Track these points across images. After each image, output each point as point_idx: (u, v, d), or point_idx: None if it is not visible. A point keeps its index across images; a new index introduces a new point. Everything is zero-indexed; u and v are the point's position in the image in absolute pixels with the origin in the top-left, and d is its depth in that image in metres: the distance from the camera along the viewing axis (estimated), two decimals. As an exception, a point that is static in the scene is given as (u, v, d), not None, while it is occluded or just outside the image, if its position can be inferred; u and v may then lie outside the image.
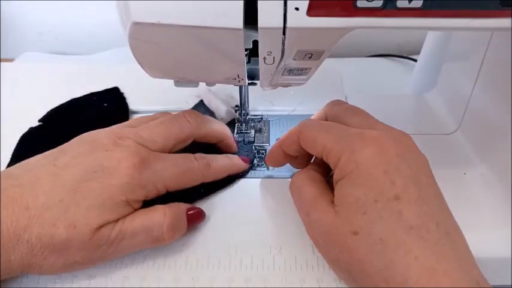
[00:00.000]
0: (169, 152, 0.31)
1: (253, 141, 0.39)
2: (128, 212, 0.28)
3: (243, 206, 0.33)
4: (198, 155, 0.32)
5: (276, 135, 0.40)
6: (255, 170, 0.36)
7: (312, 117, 0.33)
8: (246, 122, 0.40)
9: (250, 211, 0.32)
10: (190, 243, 0.30)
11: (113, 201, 0.27)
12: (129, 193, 0.27)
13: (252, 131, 0.40)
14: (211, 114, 0.41)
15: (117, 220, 0.27)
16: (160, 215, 0.28)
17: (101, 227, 0.26)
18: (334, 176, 0.26)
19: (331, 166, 0.27)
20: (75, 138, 0.30)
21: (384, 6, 0.23)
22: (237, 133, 0.40)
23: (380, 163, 0.24)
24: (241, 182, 0.35)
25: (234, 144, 0.36)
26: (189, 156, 0.32)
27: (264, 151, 0.38)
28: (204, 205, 0.33)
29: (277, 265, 0.28)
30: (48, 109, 0.42)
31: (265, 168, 0.36)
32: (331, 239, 0.25)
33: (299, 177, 0.30)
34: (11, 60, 0.58)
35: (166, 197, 0.30)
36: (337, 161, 0.26)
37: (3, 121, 0.41)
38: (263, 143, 0.39)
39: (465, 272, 0.22)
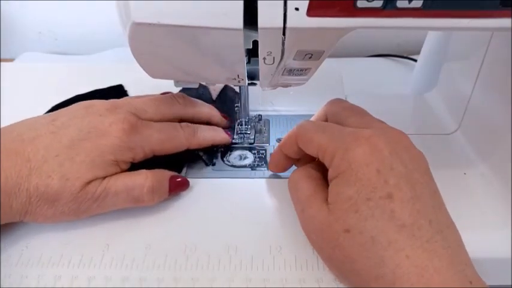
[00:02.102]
0: None
1: (253, 142, 0.39)
2: (115, 172, 0.30)
3: (243, 206, 0.33)
4: (184, 124, 0.35)
5: (276, 135, 0.40)
6: (255, 170, 0.36)
7: (312, 116, 0.34)
8: (246, 122, 0.40)
9: (250, 211, 0.32)
10: (189, 243, 0.30)
11: (102, 159, 0.29)
12: (118, 154, 0.30)
13: (252, 131, 0.40)
14: (204, 87, 0.43)
15: (104, 178, 0.29)
16: (143, 177, 0.30)
17: (90, 182, 0.29)
18: (329, 175, 0.27)
19: (326, 165, 0.27)
20: (74, 104, 0.33)
21: (384, 6, 0.23)
22: (237, 133, 0.40)
23: (373, 162, 0.25)
24: (241, 182, 0.35)
25: (223, 119, 0.39)
26: (176, 124, 0.34)
27: (263, 151, 0.38)
28: (204, 205, 0.33)
29: (277, 265, 0.28)
30: (48, 109, 0.42)
31: (266, 168, 0.36)
32: (324, 236, 0.26)
33: (297, 174, 0.30)
34: (11, 60, 0.58)
35: (155, 165, 0.32)
36: (331, 160, 0.26)
37: (3, 121, 0.41)
38: (263, 143, 0.39)
39: (457, 270, 0.22)
